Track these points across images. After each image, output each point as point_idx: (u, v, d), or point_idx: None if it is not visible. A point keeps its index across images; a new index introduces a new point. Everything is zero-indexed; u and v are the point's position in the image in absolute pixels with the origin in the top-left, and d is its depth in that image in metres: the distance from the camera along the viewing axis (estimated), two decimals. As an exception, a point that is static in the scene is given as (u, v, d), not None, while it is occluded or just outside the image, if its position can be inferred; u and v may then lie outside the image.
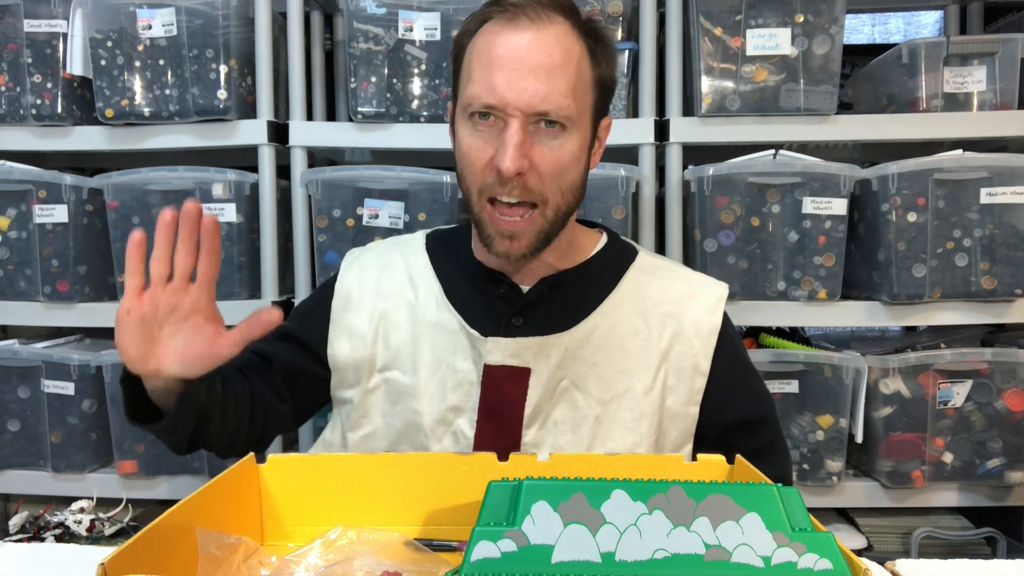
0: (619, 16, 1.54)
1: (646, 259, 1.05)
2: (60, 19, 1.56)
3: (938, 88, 1.52)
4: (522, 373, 0.96)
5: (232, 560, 0.67)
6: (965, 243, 1.45)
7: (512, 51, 0.87)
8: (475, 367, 0.97)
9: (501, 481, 0.58)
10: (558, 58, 0.87)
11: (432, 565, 0.67)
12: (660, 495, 0.55)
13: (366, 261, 1.07)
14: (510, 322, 0.97)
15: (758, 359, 1.50)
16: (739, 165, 1.48)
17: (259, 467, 0.77)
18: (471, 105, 0.89)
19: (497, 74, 0.86)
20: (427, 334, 1.00)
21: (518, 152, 0.86)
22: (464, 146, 0.91)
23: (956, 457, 1.51)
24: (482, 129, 0.89)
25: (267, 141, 1.57)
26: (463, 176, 0.93)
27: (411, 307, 1.01)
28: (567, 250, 1.01)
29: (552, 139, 0.89)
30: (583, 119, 0.92)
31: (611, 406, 0.97)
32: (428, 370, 0.99)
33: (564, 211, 0.93)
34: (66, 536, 1.51)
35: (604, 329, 0.98)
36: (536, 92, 0.86)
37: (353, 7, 1.53)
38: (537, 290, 0.99)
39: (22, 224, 1.57)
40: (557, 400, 0.97)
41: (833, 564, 0.52)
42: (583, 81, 0.90)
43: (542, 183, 0.89)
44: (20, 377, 1.60)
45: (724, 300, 1.02)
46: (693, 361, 0.98)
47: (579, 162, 0.93)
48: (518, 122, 0.87)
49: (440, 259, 1.05)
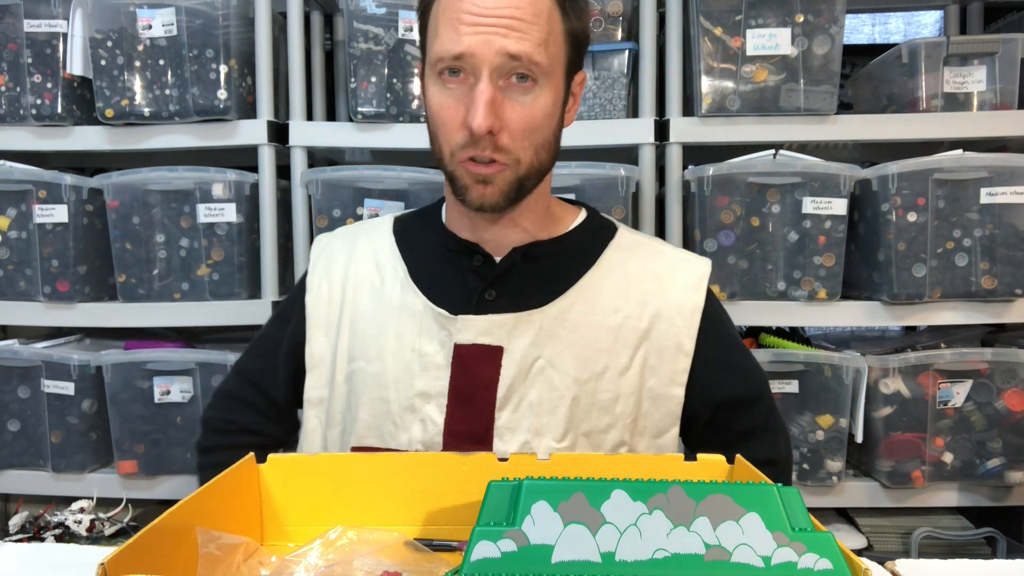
0: (619, 16, 1.55)
1: (626, 235, 1.02)
2: (60, 19, 1.56)
3: (938, 88, 1.52)
4: (494, 352, 0.92)
5: (232, 560, 0.67)
6: (965, 243, 1.45)
7: (479, 5, 0.84)
8: (442, 349, 0.94)
9: (501, 481, 0.58)
10: (528, 10, 0.85)
11: (432, 565, 0.67)
12: (660, 495, 0.55)
13: (333, 251, 1.04)
14: (482, 297, 0.94)
15: (758, 359, 1.49)
16: (739, 165, 1.48)
17: (259, 467, 0.77)
18: (440, 61, 0.86)
19: (464, 28, 0.84)
20: (392, 318, 0.97)
21: (489, 109, 0.83)
22: (434, 105, 0.88)
23: (956, 457, 1.51)
24: (452, 87, 0.87)
25: (267, 141, 1.57)
26: (435, 137, 0.91)
27: (377, 292, 0.99)
28: (543, 218, 0.98)
29: (524, 94, 0.86)
30: (555, 74, 0.89)
31: (588, 385, 0.93)
32: (393, 355, 0.96)
33: (537, 167, 0.90)
34: (66, 536, 1.51)
35: (582, 306, 0.95)
36: (505, 44, 0.83)
37: (353, 7, 1.53)
38: (510, 259, 0.96)
39: (22, 224, 1.57)
40: (532, 380, 0.93)
41: (833, 564, 0.52)
42: (554, 34, 0.88)
43: (512, 141, 0.86)
44: (20, 377, 1.60)
45: (707, 277, 0.99)
46: (675, 340, 0.95)
47: (552, 118, 0.90)
48: (488, 77, 0.84)
49: (407, 240, 1.02)
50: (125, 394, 1.57)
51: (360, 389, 0.97)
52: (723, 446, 0.98)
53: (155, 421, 1.58)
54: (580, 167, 1.47)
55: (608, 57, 1.53)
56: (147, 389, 1.57)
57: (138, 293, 1.58)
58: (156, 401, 1.57)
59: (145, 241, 1.57)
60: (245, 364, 1.09)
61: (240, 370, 1.08)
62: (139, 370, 1.57)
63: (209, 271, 1.57)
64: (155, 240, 1.56)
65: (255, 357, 1.08)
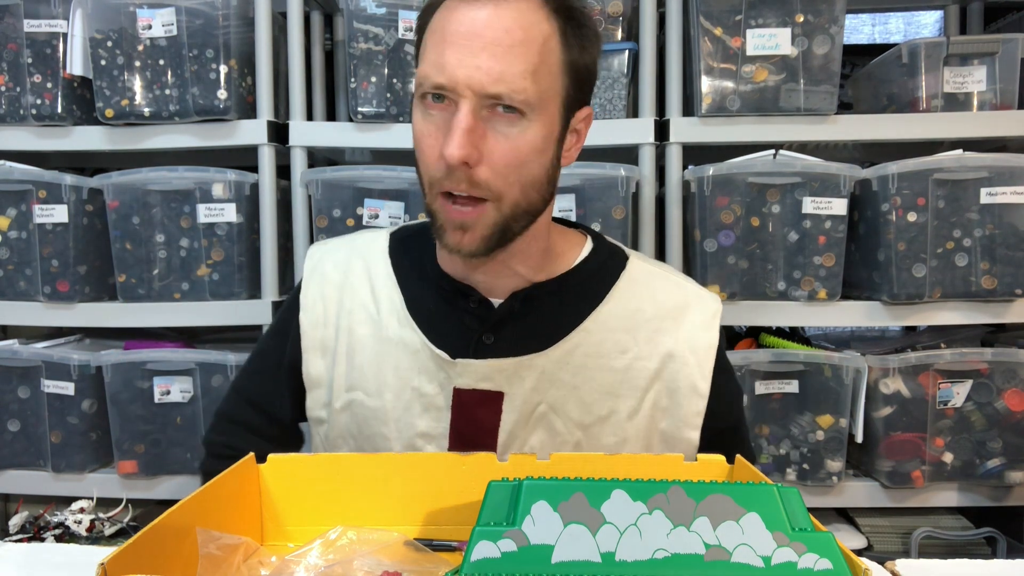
0: (619, 16, 1.55)
1: (637, 266, 0.96)
2: (60, 19, 1.56)
3: (938, 88, 1.52)
4: (494, 397, 0.89)
5: (232, 560, 0.67)
6: (965, 243, 1.45)
7: (467, 27, 0.78)
8: (442, 390, 0.90)
9: (501, 481, 0.58)
10: (517, 36, 0.78)
11: (432, 565, 0.67)
12: (660, 495, 0.55)
13: (327, 271, 0.98)
14: (480, 340, 0.90)
15: (758, 359, 1.50)
16: (739, 165, 1.48)
17: (259, 467, 0.77)
18: (421, 85, 0.81)
19: (448, 51, 0.78)
20: (390, 353, 0.92)
21: (465, 138, 0.77)
22: (416, 134, 0.83)
23: (956, 457, 1.51)
24: (434, 113, 0.81)
25: (267, 141, 1.57)
26: (417, 165, 0.85)
27: (374, 322, 0.93)
28: (542, 260, 0.92)
29: (509, 126, 0.79)
30: (548, 107, 0.82)
31: (592, 430, 0.90)
32: (393, 392, 0.92)
33: (525, 208, 0.83)
34: (66, 536, 1.51)
35: (586, 348, 0.90)
36: (489, 71, 0.77)
37: (353, 7, 1.53)
38: (508, 306, 0.90)
39: (22, 224, 1.57)
40: (534, 426, 0.90)
41: (833, 564, 0.52)
42: (548, 64, 0.80)
43: (494, 176, 0.80)
44: (20, 377, 1.60)
45: (719, 314, 0.95)
46: (690, 381, 0.91)
47: (542, 155, 0.82)
48: (468, 105, 0.78)
49: (403, 266, 0.96)
50: (125, 394, 1.57)
51: (360, 421, 0.94)
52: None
53: (155, 421, 1.58)
54: (580, 167, 1.47)
55: (608, 57, 1.53)
56: (147, 389, 1.57)
57: (138, 293, 1.58)
58: (156, 401, 1.57)
59: (145, 241, 1.57)
60: (243, 383, 1.04)
61: (238, 389, 1.04)
62: (139, 370, 1.57)
63: (209, 271, 1.57)
64: (155, 240, 1.56)
65: (253, 375, 1.04)
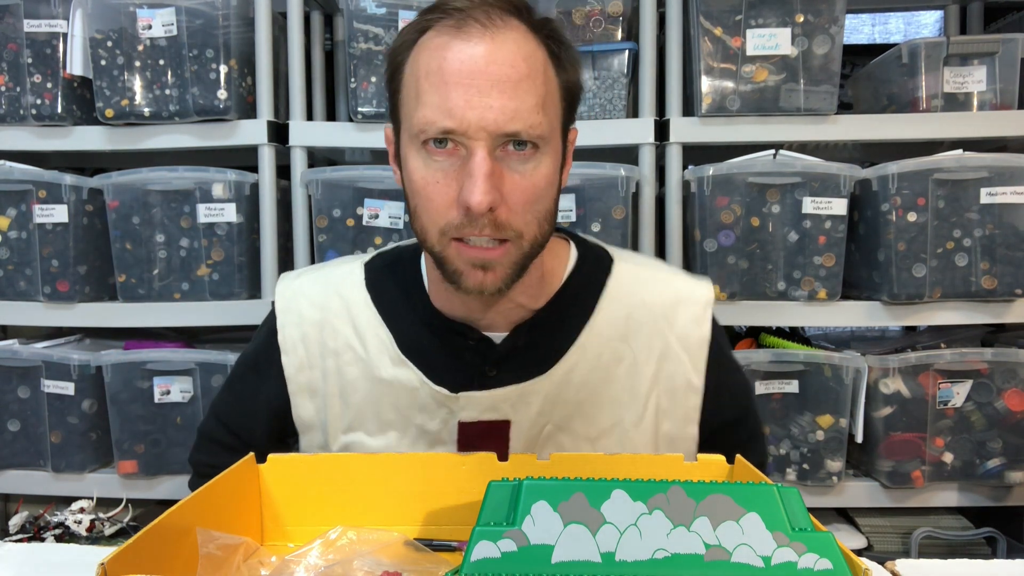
0: (619, 16, 1.55)
1: (622, 268, 0.93)
2: (60, 19, 1.56)
3: (938, 88, 1.52)
4: (500, 426, 0.88)
5: (232, 560, 0.67)
6: (965, 243, 1.45)
7: (469, 64, 0.74)
8: (445, 426, 0.88)
9: (501, 481, 0.58)
10: (523, 69, 0.75)
11: (432, 565, 0.67)
12: (660, 495, 0.55)
13: (303, 310, 0.93)
14: (484, 374, 0.88)
15: (758, 359, 1.50)
16: (739, 165, 1.48)
17: (259, 467, 0.77)
18: (424, 132, 0.76)
19: (453, 92, 0.74)
20: (386, 392, 0.90)
21: (488, 183, 0.73)
22: (418, 181, 0.78)
23: (956, 457, 1.51)
24: (439, 159, 0.76)
25: (267, 141, 1.57)
26: (418, 215, 0.80)
27: (363, 363, 0.90)
28: (538, 286, 0.89)
29: (523, 163, 0.77)
30: (555, 136, 0.80)
31: (600, 443, 0.89)
32: (397, 430, 0.90)
33: (540, 241, 0.82)
34: (66, 536, 1.51)
35: (586, 364, 0.88)
36: (503, 110, 0.74)
37: (353, 7, 1.53)
38: (512, 340, 0.88)
39: (22, 224, 1.57)
40: (542, 447, 0.89)
41: (833, 564, 0.52)
42: (551, 92, 0.79)
43: (514, 216, 0.77)
44: (20, 377, 1.60)
45: (711, 304, 0.92)
46: (685, 379, 0.90)
47: (553, 186, 0.81)
48: (484, 148, 0.74)
49: (385, 300, 0.92)
50: (125, 394, 1.57)
51: None
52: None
53: (155, 421, 1.58)
54: (580, 167, 1.47)
55: (608, 57, 1.53)
56: (147, 389, 1.57)
57: (138, 293, 1.58)
58: (156, 401, 1.57)
59: (145, 241, 1.57)
60: (220, 406, 1.02)
61: (216, 411, 1.02)
62: (139, 370, 1.57)
63: (209, 271, 1.57)
64: (155, 240, 1.56)
65: (230, 400, 1.01)
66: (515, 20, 0.77)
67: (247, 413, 0.98)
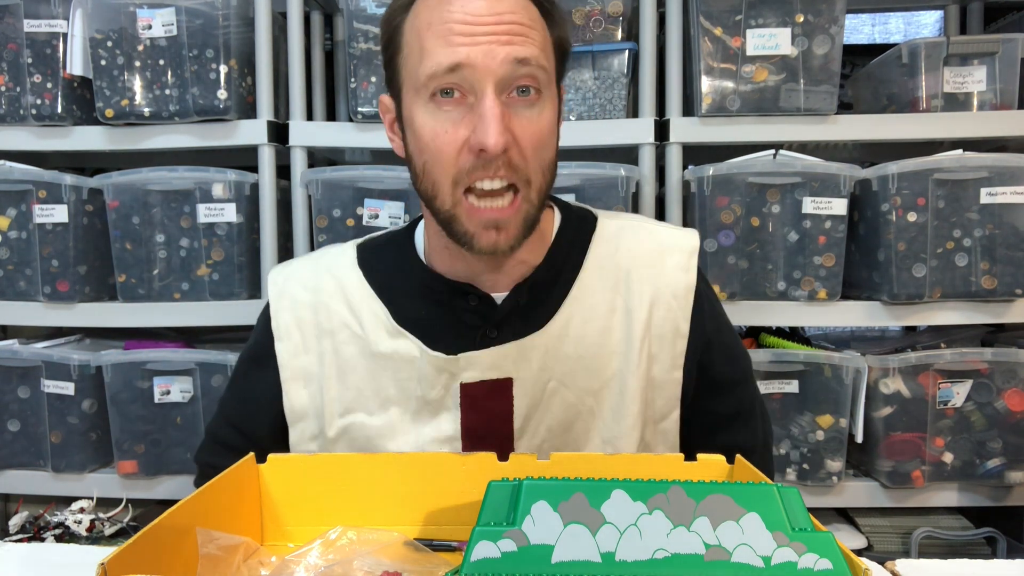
0: (619, 16, 1.55)
1: (606, 224, 0.95)
2: (60, 19, 1.56)
3: (938, 88, 1.52)
4: (504, 384, 0.88)
5: (232, 560, 0.67)
6: (965, 243, 1.45)
7: (472, 15, 0.76)
8: (447, 391, 0.89)
9: (501, 481, 0.58)
10: (523, 17, 0.78)
11: (432, 565, 0.67)
12: (660, 495, 0.55)
13: (296, 293, 0.94)
14: (485, 335, 0.89)
15: (758, 359, 1.50)
16: (739, 165, 1.48)
17: (259, 467, 0.77)
18: (433, 78, 0.77)
19: (459, 38, 0.76)
20: (385, 367, 0.90)
21: (501, 124, 0.76)
22: (427, 133, 0.79)
23: (956, 457, 1.51)
24: (447, 109, 0.78)
25: (267, 141, 1.57)
26: (428, 170, 0.81)
27: (359, 339, 0.91)
28: (537, 242, 0.90)
29: (529, 108, 0.79)
30: (552, 85, 0.83)
31: (602, 393, 0.90)
32: (399, 405, 0.90)
33: (545, 193, 0.84)
34: (66, 536, 1.51)
35: (580, 316, 0.90)
36: (511, 52, 0.76)
37: (353, 7, 1.53)
38: (514, 298, 0.89)
39: (22, 224, 1.57)
40: (547, 404, 0.90)
41: (833, 564, 0.52)
42: (547, 43, 0.82)
43: (525, 160, 0.79)
44: (20, 377, 1.60)
45: (696, 252, 0.94)
46: (673, 324, 0.91)
47: (554, 135, 0.84)
48: (493, 89, 0.76)
49: (379, 278, 0.93)
50: (125, 394, 1.57)
51: (362, 443, 0.92)
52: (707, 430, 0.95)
53: (155, 421, 1.58)
54: (580, 167, 1.47)
55: (608, 57, 1.53)
56: (147, 389, 1.57)
57: (138, 293, 1.58)
58: (156, 401, 1.57)
59: (145, 241, 1.57)
60: (226, 402, 1.02)
61: (223, 408, 1.02)
62: (139, 370, 1.57)
63: (209, 271, 1.57)
64: (155, 240, 1.56)
65: (234, 398, 1.01)
66: None
67: (250, 408, 0.98)
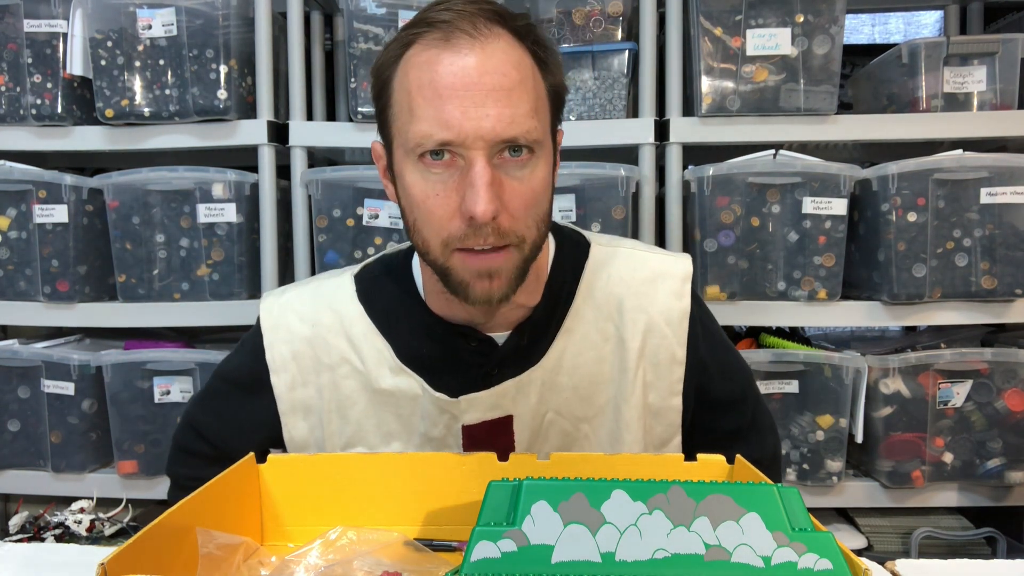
0: (619, 16, 1.55)
1: (598, 251, 0.94)
2: (60, 19, 1.56)
3: (938, 88, 1.52)
4: (504, 422, 0.89)
5: (232, 560, 0.67)
6: (965, 243, 1.45)
7: (461, 76, 0.75)
8: (449, 431, 0.89)
9: (501, 481, 0.58)
10: (514, 77, 0.76)
11: (432, 565, 0.67)
12: (660, 495, 0.55)
13: (292, 327, 0.93)
14: (487, 373, 0.89)
15: (758, 359, 1.50)
16: (739, 165, 1.48)
17: (259, 467, 0.77)
18: (422, 145, 0.76)
19: (448, 104, 0.74)
20: (387, 402, 0.90)
21: (491, 192, 0.74)
22: (417, 195, 0.78)
23: (956, 457, 1.51)
24: (437, 171, 0.77)
25: (267, 141, 1.57)
26: (418, 228, 0.80)
27: (360, 375, 0.91)
28: (534, 284, 0.90)
29: (520, 169, 0.78)
30: (547, 139, 0.81)
31: (596, 421, 0.92)
32: (400, 440, 0.91)
33: (539, 244, 0.83)
34: (66, 536, 1.51)
35: (574, 347, 0.90)
36: (500, 117, 0.74)
37: (353, 7, 1.53)
38: (515, 340, 0.89)
39: (22, 224, 1.57)
40: (545, 434, 0.91)
41: (833, 564, 0.52)
42: (541, 97, 0.80)
43: (515, 222, 0.78)
44: (20, 377, 1.60)
45: (690, 277, 0.93)
46: (669, 352, 0.91)
47: (549, 188, 0.82)
48: (483, 157, 0.75)
49: (381, 313, 0.92)
50: (125, 394, 1.57)
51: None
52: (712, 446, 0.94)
53: (155, 421, 1.58)
54: (580, 167, 1.47)
55: (608, 57, 1.53)
56: (147, 389, 1.57)
57: (138, 293, 1.58)
58: (156, 401, 1.57)
59: (145, 241, 1.57)
60: (197, 417, 0.99)
61: (192, 422, 0.99)
62: (139, 370, 1.57)
63: (209, 271, 1.57)
64: (155, 240, 1.56)
65: (209, 413, 0.99)
66: (500, 28, 0.78)
67: (232, 431, 0.96)
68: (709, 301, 1.52)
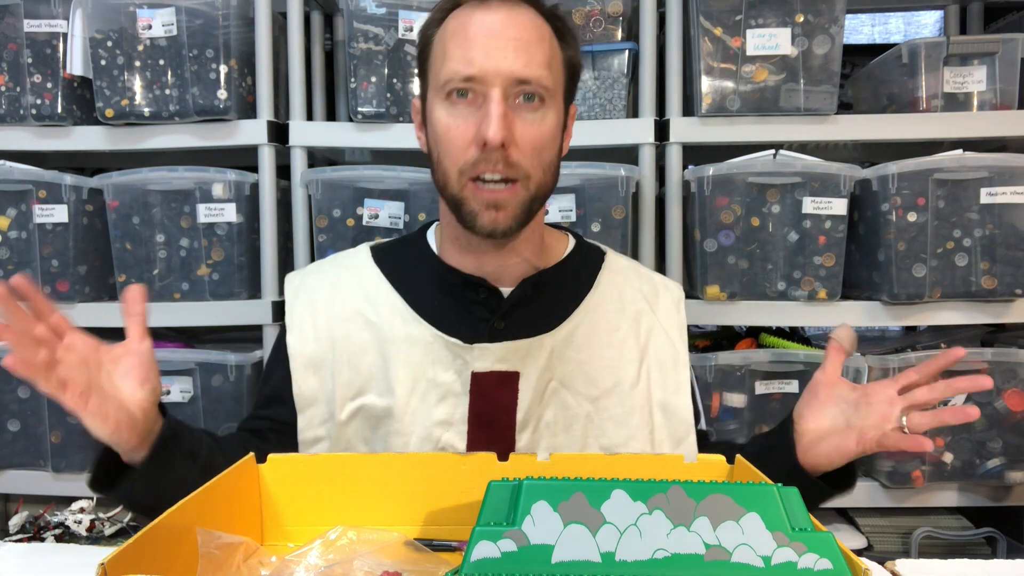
0: (619, 16, 1.55)
1: (615, 260, 1.06)
2: (60, 19, 1.56)
3: (938, 88, 1.52)
4: (512, 377, 0.95)
5: (232, 560, 0.67)
6: (965, 243, 1.45)
7: (489, 27, 0.88)
8: (459, 377, 0.95)
9: (501, 481, 0.58)
10: (533, 33, 0.89)
11: (432, 565, 0.67)
12: (660, 495, 0.55)
13: (311, 288, 1.02)
14: (492, 327, 0.95)
15: (758, 359, 1.50)
16: (739, 165, 1.48)
17: (259, 467, 0.77)
18: (450, 82, 0.88)
19: (475, 47, 0.87)
20: (398, 350, 0.96)
21: (503, 121, 0.85)
22: (441, 127, 0.90)
23: (956, 457, 1.51)
24: (461, 107, 0.89)
25: (267, 141, 1.57)
26: (440, 161, 0.91)
27: (373, 326, 0.97)
28: (540, 247, 1.00)
29: (531, 112, 0.89)
30: (557, 97, 0.92)
31: (601, 402, 0.97)
32: (406, 388, 0.95)
33: (544, 190, 0.92)
34: (66, 536, 1.51)
35: (587, 326, 0.98)
36: (516, 60, 0.87)
37: (353, 7, 1.53)
38: (521, 291, 0.97)
39: (22, 224, 1.57)
40: (547, 402, 0.96)
41: (833, 564, 0.52)
42: (556, 58, 0.92)
43: (523, 157, 0.88)
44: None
45: (683, 301, 1.06)
46: (672, 353, 1.01)
47: (556, 140, 0.93)
48: (499, 93, 0.86)
49: (394, 270, 1.01)
50: (125, 394, 1.57)
51: (373, 424, 0.96)
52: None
53: (155, 421, 1.58)
54: (580, 167, 1.47)
55: (608, 57, 1.53)
56: (147, 389, 1.57)
57: (138, 293, 1.58)
58: (156, 401, 1.57)
59: (145, 241, 1.57)
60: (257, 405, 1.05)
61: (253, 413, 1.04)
62: (139, 370, 1.56)
63: (209, 271, 1.57)
64: (155, 240, 1.56)
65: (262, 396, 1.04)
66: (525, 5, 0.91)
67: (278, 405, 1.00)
68: (709, 301, 1.52)
